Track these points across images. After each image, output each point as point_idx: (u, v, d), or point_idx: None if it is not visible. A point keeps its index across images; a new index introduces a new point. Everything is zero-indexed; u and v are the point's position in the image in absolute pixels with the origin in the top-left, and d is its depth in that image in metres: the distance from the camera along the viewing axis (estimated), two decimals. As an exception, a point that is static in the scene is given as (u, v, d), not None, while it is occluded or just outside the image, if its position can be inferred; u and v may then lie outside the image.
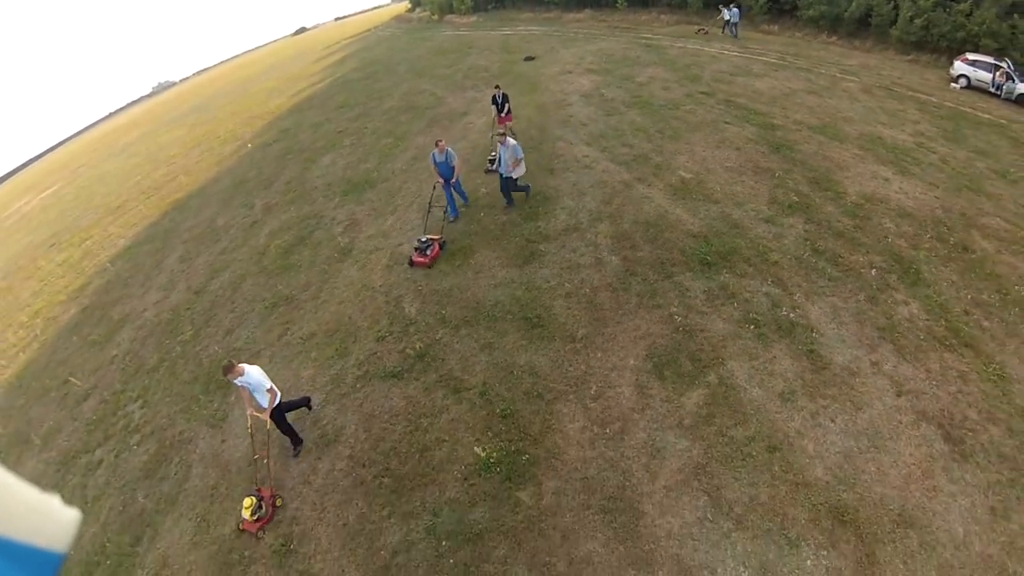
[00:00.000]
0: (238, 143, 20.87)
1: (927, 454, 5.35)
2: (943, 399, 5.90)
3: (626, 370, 6.18)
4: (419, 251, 8.76)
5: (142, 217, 17.64)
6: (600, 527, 4.81)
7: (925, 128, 12.88)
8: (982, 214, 9.30)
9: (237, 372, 5.57)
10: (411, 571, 4.85)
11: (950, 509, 4.89)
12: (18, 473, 0.99)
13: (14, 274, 19.39)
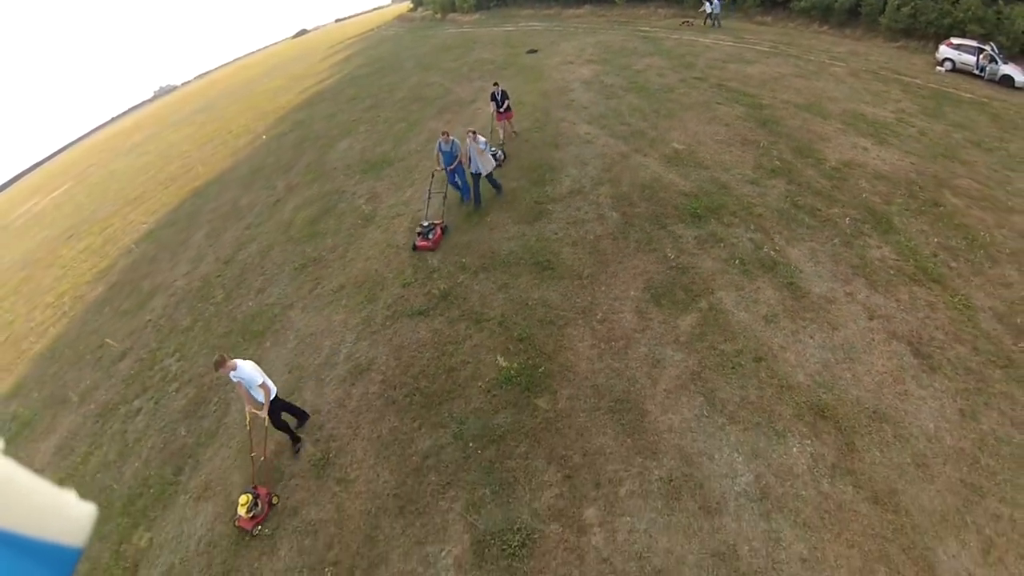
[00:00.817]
0: (252, 136, 21.79)
1: (898, 365, 6.19)
2: (912, 323, 6.76)
3: (627, 300, 7.07)
4: (422, 236, 9.10)
5: (162, 204, 18.48)
6: (610, 424, 5.66)
7: (907, 106, 13.77)
8: (955, 177, 10.17)
9: (228, 367, 5.54)
10: (441, 471, 5.69)
11: (921, 409, 5.71)
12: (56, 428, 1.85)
13: (33, 264, 20.04)
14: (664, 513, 4.85)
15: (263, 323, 8.81)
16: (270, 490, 5.86)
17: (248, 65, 63.34)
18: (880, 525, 4.70)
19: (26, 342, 13.20)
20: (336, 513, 5.61)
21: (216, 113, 32.78)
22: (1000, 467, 5.14)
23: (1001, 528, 4.66)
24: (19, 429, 9.55)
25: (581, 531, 4.83)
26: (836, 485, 4.98)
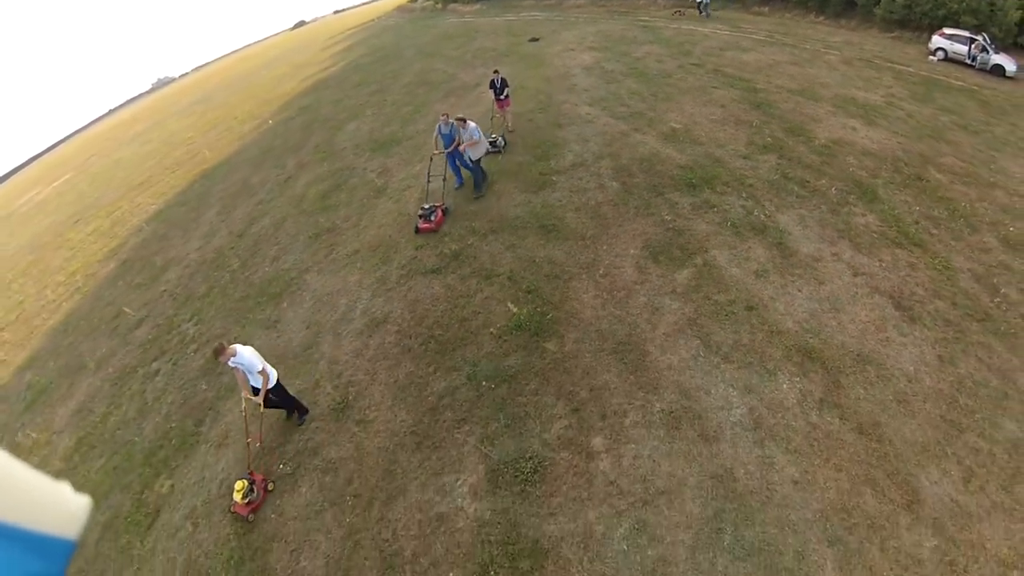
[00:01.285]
0: (257, 121, 21.99)
1: (880, 316, 6.61)
2: (894, 280, 7.17)
3: (627, 257, 7.47)
4: (423, 218, 9.11)
5: (170, 187, 18.69)
6: (614, 364, 6.05)
7: (897, 91, 14.18)
8: (940, 155, 10.59)
9: (228, 353, 5.52)
10: (455, 409, 6.07)
11: (901, 354, 6.12)
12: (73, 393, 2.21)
13: (41, 248, 20.13)
14: (666, 441, 5.25)
15: (280, 286, 9.15)
16: (265, 476, 5.83)
17: (247, 56, 63.23)
18: (865, 453, 5.10)
19: (38, 319, 13.39)
20: (355, 451, 5.97)
21: (218, 102, 32.87)
22: (978, 407, 5.55)
23: (981, 460, 5.06)
24: (35, 396, 9.79)
25: (589, 457, 5.22)
26: (824, 417, 5.39)
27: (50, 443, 8.45)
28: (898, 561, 4.32)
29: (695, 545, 4.49)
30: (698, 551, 4.45)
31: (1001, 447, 5.18)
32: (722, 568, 4.33)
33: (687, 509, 4.72)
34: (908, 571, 4.25)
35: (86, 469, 7.49)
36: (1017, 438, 5.25)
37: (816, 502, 4.72)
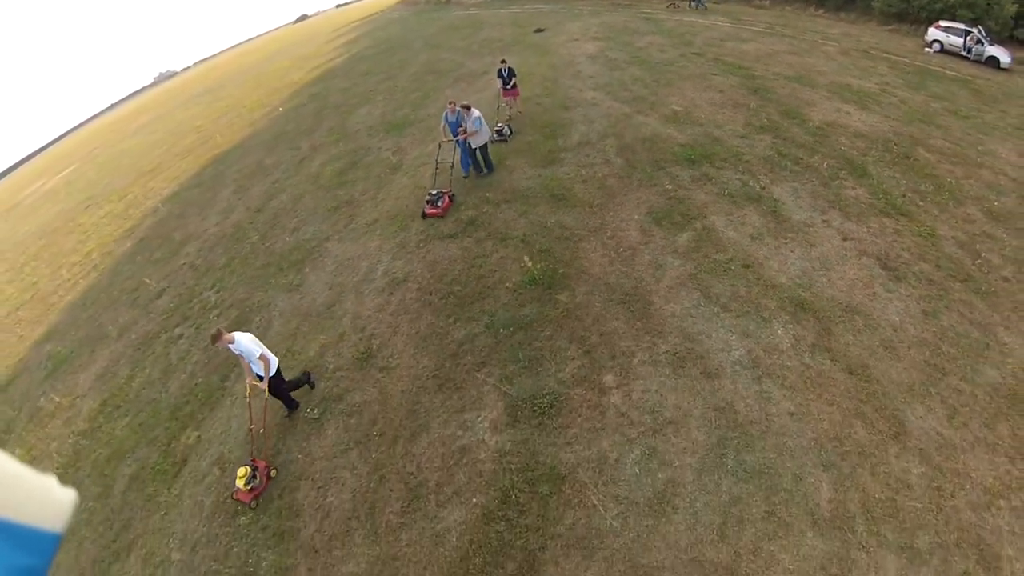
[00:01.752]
0: (267, 108, 22.33)
1: (867, 275, 7.05)
2: (881, 244, 7.62)
3: (632, 221, 7.92)
4: (430, 203, 9.21)
5: (182, 171, 19.01)
6: (621, 312, 6.49)
7: (891, 80, 14.61)
8: (929, 137, 11.02)
9: (226, 340, 5.48)
10: (475, 353, 6.50)
11: (887, 307, 6.56)
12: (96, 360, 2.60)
13: (52, 233, 20.31)
14: (671, 377, 5.69)
15: (301, 254, 9.56)
16: (268, 463, 5.82)
17: (251, 50, 63.36)
18: (855, 390, 5.54)
19: (54, 296, 13.66)
20: (379, 395, 6.38)
21: (225, 92, 33.12)
22: (960, 354, 5.98)
23: (963, 400, 5.48)
24: (56, 365, 10.10)
25: (601, 392, 5.66)
26: (816, 359, 5.83)
27: (73, 406, 8.75)
28: (888, 485, 4.74)
29: (701, 468, 4.92)
30: (704, 473, 4.88)
31: (982, 390, 5.61)
32: (726, 488, 4.76)
33: (693, 437, 5.16)
34: (898, 494, 4.66)
35: (111, 427, 7.82)
36: (997, 383, 5.68)
37: (811, 431, 5.15)
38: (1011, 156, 10.54)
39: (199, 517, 5.81)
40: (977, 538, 4.34)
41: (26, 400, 9.74)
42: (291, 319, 8.14)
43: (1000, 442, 5.12)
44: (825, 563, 4.21)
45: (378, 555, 4.82)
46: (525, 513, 4.80)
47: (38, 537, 0.61)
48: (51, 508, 0.64)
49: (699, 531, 4.48)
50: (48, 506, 0.64)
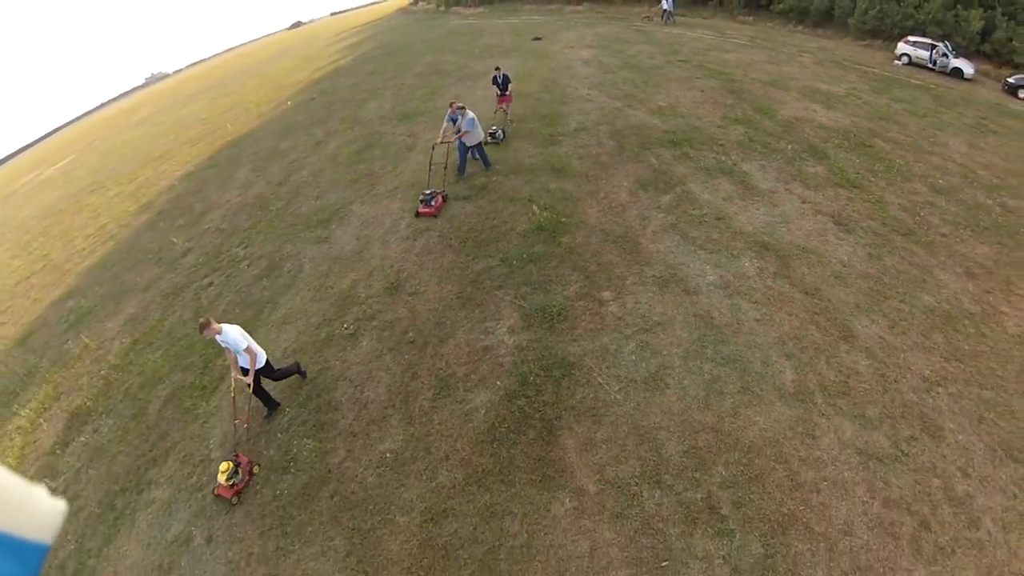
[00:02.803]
0: (275, 103, 23.51)
1: (822, 227, 8.49)
2: (835, 206, 9.09)
3: (622, 187, 9.35)
4: (424, 203, 9.61)
5: (194, 156, 19.88)
6: (615, 249, 7.82)
7: (859, 86, 16.42)
8: (886, 131, 12.68)
9: (213, 330, 5.50)
10: (493, 279, 7.71)
11: (838, 250, 7.97)
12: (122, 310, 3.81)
13: (57, 214, 20.65)
14: (658, 294, 6.98)
15: (327, 214, 10.72)
16: (251, 459, 5.87)
17: (247, 52, 64.64)
18: (811, 305, 6.87)
19: (69, 264, 14.21)
20: (409, 313, 7.52)
21: (228, 89, 34.20)
22: (899, 285, 7.35)
23: (903, 316, 6.82)
24: (79, 317, 10.72)
25: (600, 303, 6.92)
26: (776, 282, 7.18)
27: (102, 347, 9.43)
28: (840, 371, 6.00)
29: (686, 356, 6.18)
30: (688, 359, 6.14)
31: (919, 310, 6.95)
32: (707, 370, 6.01)
33: (678, 334, 6.43)
34: (850, 379, 5.92)
35: (143, 361, 8.55)
36: (933, 306, 7.03)
37: (774, 332, 6.46)
38: (961, 147, 12.19)
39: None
40: (920, 413, 5.57)
41: (48, 348, 10.27)
42: (321, 263, 9.26)
43: (936, 347, 6.42)
44: (792, 425, 5.43)
45: (412, 434, 5.87)
46: (542, 392, 5.99)
47: (26, 547, 0.61)
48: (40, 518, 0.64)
49: (687, 401, 5.70)
50: (37, 516, 0.64)
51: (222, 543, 5.27)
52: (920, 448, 5.24)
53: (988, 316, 6.98)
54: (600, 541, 4.59)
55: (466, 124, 9.86)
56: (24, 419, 8.31)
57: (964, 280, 7.61)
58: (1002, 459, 5.19)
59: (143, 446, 6.91)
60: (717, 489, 4.85)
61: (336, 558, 4.86)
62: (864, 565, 4.34)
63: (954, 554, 4.41)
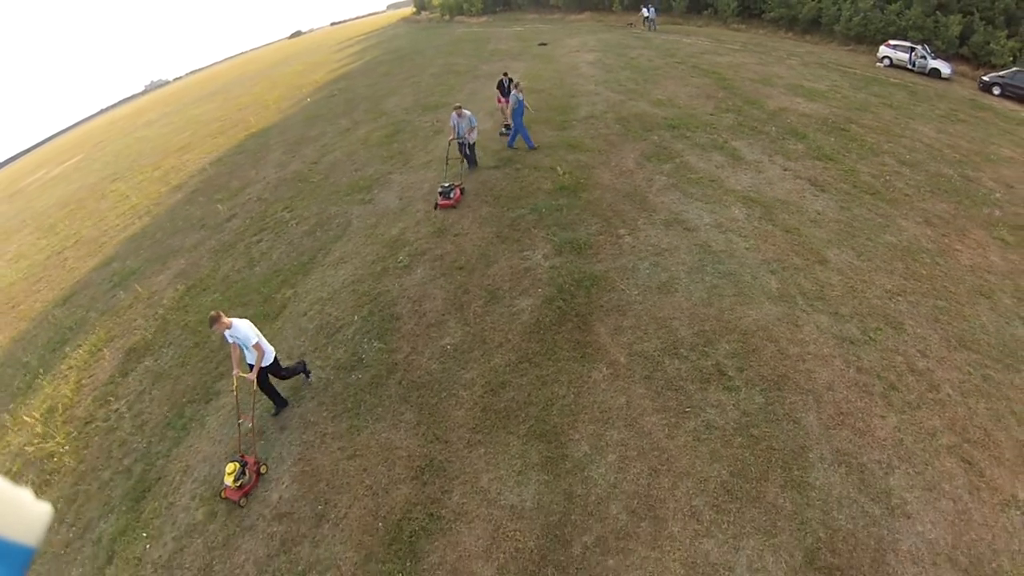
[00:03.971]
0: (293, 100, 25.14)
1: (800, 187, 10.15)
2: (812, 173, 10.77)
3: (629, 159, 11.08)
4: (443, 195, 10.37)
5: (219, 145, 21.12)
6: (626, 203, 9.44)
7: (840, 83, 18.34)
8: (862, 118, 14.48)
9: (223, 324, 5.51)
10: (526, 223, 9.29)
11: (813, 203, 9.62)
12: (170, 267, 5.18)
13: (78, 202, 21.46)
14: (664, 231, 8.57)
15: (367, 182, 12.27)
16: (258, 459, 5.87)
17: (250, 60, 66.82)
18: (790, 240, 8.47)
19: (104, 238, 15.07)
20: (455, 248, 9.02)
21: (240, 91, 35.82)
22: (866, 228, 8.96)
23: (868, 248, 8.38)
24: (123, 277, 11.68)
25: (618, 237, 8.49)
26: (762, 224, 8.79)
27: (155, 296, 10.43)
28: (817, 282, 7.54)
29: (690, 271, 7.73)
30: (692, 273, 7.68)
31: (883, 245, 8.54)
32: (708, 280, 7.54)
33: (682, 257, 7.99)
34: (824, 288, 7.44)
35: (199, 302, 9.62)
36: (894, 243, 8.62)
37: (761, 256, 8.03)
38: (930, 132, 13.96)
39: (304, 336, 7.87)
40: (884, 313, 7.08)
41: (94, 303, 11.15)
42: (369, 218, 10.77)
43: (896, 270, 7.98)
44: (779, 317, 6.93)
45: (468, 331, 7.32)
46: (575, 296, 7.50)
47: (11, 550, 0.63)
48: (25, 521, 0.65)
49: (693, 300, 7.23)
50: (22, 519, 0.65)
51: (296, 429, 6.35)
52: (885, 336, 6.74)
53: (943, 252, 8.60)
54: (634, 396, 6.02)
55: (463, 124, 10.66)
56: (77, 359, 9.20)
57: (923, 227, 9.25)
58: (955, 347, 6.67)
59: (208, 366, 7.90)
60: (723, 359, 6.33)
61: (407, 428, 6.07)
62: (846, 411, 5.74)
63: (920, 408, 5.80)
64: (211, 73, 69.75)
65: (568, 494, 5.07)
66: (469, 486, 5.31)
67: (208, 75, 68.57)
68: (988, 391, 6.07)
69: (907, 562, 4.42)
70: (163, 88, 76.99)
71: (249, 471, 5.63)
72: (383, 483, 5.51)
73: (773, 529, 4.65)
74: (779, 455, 5.26)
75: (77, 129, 69.28)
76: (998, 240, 9.06)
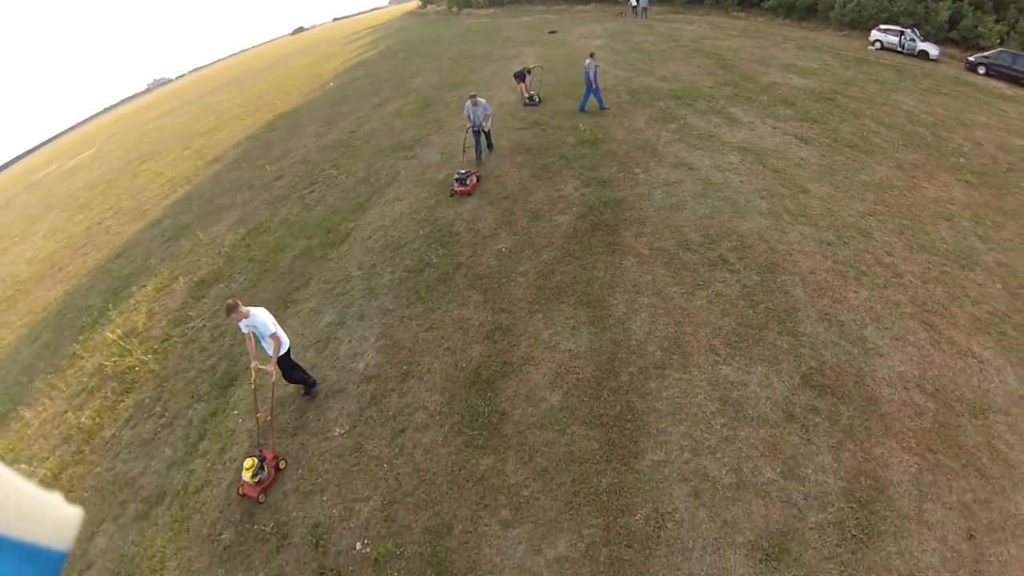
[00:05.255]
0: (315, 85, 27.01)
1: (787, 141, 12.11)
2: (798, 131, 12.73)
3: (640, 120, 13.14)
4: (459, 182, 10.95)
5: (249, 126, 22.86)
6: (639, 152, 11.43)
7: (831, 63, 20.29)
8: (848, 91, 16.41)
9: (241, 313, 5.52)
10: (556, 167, 11.23)
11: (798, 153, 11.58)
12: (225, 218, 6.77)
13: (107, 183, 22.92)
14: (672, 170, 10.54)
15: (408, 143, 14.19)
16: (276, 454, 5.90)
17: (255, 55, 68.84)
18: (778, 177, 10.42)
19: (146, 206, 16.54)
20: (499, 185, 10.99)
21: (254, 82, 37.66)
22: (843, 170, 10.87)
23: (844, 183, 10.34)
24: (177, 232, 13.23)
25: (634, 174, 10.44)
26: (754, 166, 10.74)
27: (216, 240, 12.04)
28: (799, 204, 9.49)
29: (695, 196, 9.68)
30: (696, 198, 9.63)
31: (857, 182, 10.46)
32: (709, 203, 9.46)
33: (688, 187, 9.93)
34: (805, 209, 9.36)
35: (261, 241, 11.31)
36: (867, 180, 10.54)
37: (752, 187, 9.96)
38: (911, 102, 15.88)
39: (372, 253, 9.69)
40: (856, 225, 9.00)
41: (152, 253, 12.59)
42: (415, 168, 12.70)
43: (868, 198, 9.92)
44: (769, 227, 8.84)
45: (518, 239, 9.21)
46: (603, 213, 9.42)
47: (45, 555, 0.64)
48: (57, 526, 0.67)
49: (699, 215, 9.17)
50: (54, 523, 0.67)
51: (374, 316, 8.09)
52: (857, 241, 8.63)
53: (911, 188, 10.49)
54: (657, 275, 7.88)
55: (482, 108, 11.31)
56: (145, 295, 10.68)
57: (895, 170, 11.15)
58: (917, 250, 8.54)
59: (280, 283, 9.51)
60: (725, 252, 8.22)
61: (475, 305, 7.95)
62: (825, 287, 7.57)
63: (886, 288, 7.66)
64: (216, 69, 71.67)
65: (613, 340, 6.86)
66: (533, 339, 7.09)
67: (213, 71, 70.48)
68: (945, 280, 7.89)
69: (883, 385, 6.13)
70: (167, 86, 78.94)
71: (268, 466, 5.61)
72: (459, 345, 7.24)
73: (775, 360, 6.39)
74: (775, 313, 7.08)
75: (82, 127, 71.07)
76: (962, 181, 10.94)
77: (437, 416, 6.10)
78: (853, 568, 4.42)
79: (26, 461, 7.53)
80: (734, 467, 5.14)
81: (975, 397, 6.02)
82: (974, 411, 5.83)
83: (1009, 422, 5.77)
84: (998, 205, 10.05)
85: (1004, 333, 6.95)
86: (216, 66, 78.24)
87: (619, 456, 5.34)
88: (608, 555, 4.62)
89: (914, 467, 5.20)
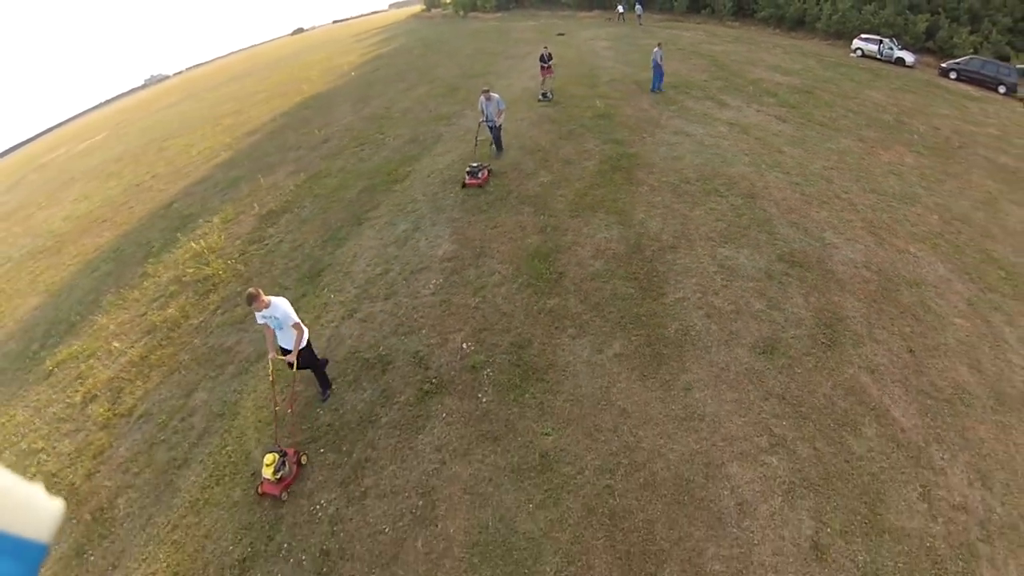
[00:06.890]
0: (336, 75, 29.24)
1: (768, 120, 14.89)
2: (777, 113, 15.40)
3: (644, 103, 16.02)
4: (471, 175, 11.63)
5: (278, 106, 24.88)
6: (646, 124, 14.15)
7: (813, 65, 23.24)
8: (827, 88, 19.27)
9: (262, 303, 5.41)
10: (578, 132, 13.64)
11: (777, 127, 14.38)
12: (278, 171, 10.72)
13: (134, 156, 24.21)
14: (673, 136, 13.22)
15: (445, 116, 16.65)
16: (297, 449, 5.79)
17: (255, 54, 71.11)
18: (759, 142, 13.12)
19: (187, 168, 17.94)
20: (532, 142, 13.40)
21: (268, 74, 39.76)
22: (813, 141, 13.60)
23: (813, 149, 13.01)
24: (231, 183, 14.96)
25: (642, 137, 13.03)
26: (739, 135, 13.47)
27: (276, 185, 13.96)
28: (776, 160, 12.06)
29: (691, 153, 12.37)
30: (693, 154, 12.30)
31: (824, 148, 13.14)
32: (703, 157, 12.10)
33: (686, 146, 12.69)
34: (781, 163, 11.91)
35: (322, 184, 13.33)
36: (833, 148, 13.24)
37: (738, 148, 12.72)
38: (880, 96, 18.70)
39: (432, 186, 12.08)
40: (821, 175, 11.62)
41: (209, 199, 14.03)
42: (457, 132, 15.09)
43: (832, 157, 12.64)
44: (751, 172, 11.45)
45: (554, 177, 11.67)
46: (620, 161, 11.95)
47: (25, 547, 0.65)
48: (38, 518, 0.68)
49: (696, 164, 11.77)
50: (35, 516, 0.68)
51: (444, 224, 10.41)
52: (820, 184, 11.26)
53: (869, 154, 13.13)
54: (666, 198, 10.43)
55: (495, 103, 11.87)
56: (214, 225, 12.21)
57: (857, 142, 13.82)
58: (869, 192, 11.13)
59: (350, 208, 11.59)
60: (717, 186, 10.79)
61: (528, 213, 10.40)
62: (794, 208, 10.14)
63: (843, 212, 10.12)
64: (217, 66, 73.66)
65: (637, 232, 9.31)
66: (576, 232, 9.48)
67: (215, 68, 72.45)
68: (890, 211, 10.41)
69: (838, 264, 8.59)
70: (165, 82, 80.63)
71: (289, 463, 5.50)
72: (520, 236, 9.64)
73: (757, 246, 8.87)
74: (755, 221, 9.56)
75: (80, 119, 72.16)
76: (915, 152, 13.57)
77: (509, 277, 8.37)
78: (824, 361, 6.63)
79: (104, 355, 8.54)
80: (733, 302, 7.45)
81: (910, 276, 8.42)
82: (909, 283, 8.23)
83: (938, 291, 8.14)
84: (944, 168, 12.64)
85: (937, 244, 9.39)
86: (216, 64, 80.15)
87: (650, 296, 7.65)
88: (652, 352, 6.82)
89: (864, 309, 7.52)
